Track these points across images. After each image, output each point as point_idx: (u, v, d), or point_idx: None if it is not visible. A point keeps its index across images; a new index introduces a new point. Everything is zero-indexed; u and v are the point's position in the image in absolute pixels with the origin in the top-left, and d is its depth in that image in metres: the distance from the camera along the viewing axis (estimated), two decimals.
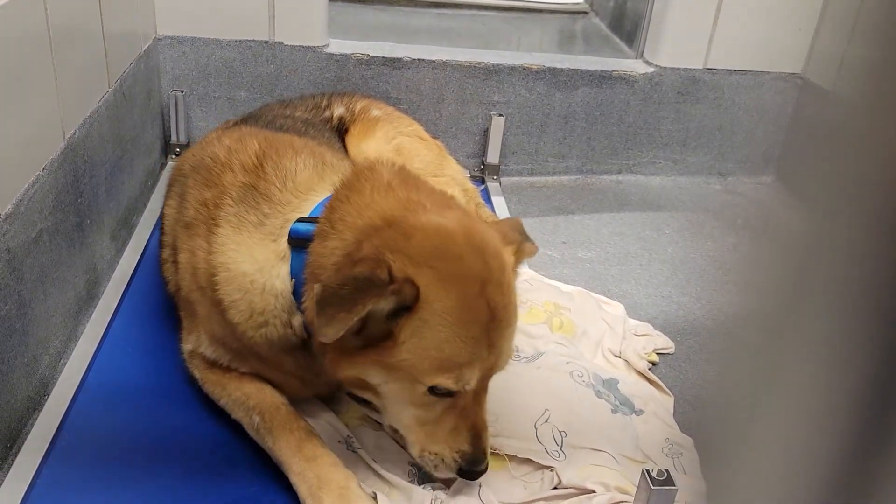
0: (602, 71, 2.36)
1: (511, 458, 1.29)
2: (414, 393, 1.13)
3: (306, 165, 1.30)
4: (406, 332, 1.07)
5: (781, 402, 0.38)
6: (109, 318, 1.60)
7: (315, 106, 1.86)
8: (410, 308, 1.06)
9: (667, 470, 1.12)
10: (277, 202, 1.25)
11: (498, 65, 2.31)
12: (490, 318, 1.09)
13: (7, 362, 1.24)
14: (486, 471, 1.19)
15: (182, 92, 2.23)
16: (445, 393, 1.12)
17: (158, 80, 2.23)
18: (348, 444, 1.30)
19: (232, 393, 1.33)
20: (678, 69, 2.38)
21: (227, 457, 1.30)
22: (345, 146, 1.78)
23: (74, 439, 1.30)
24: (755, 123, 2.47)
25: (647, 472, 1.12)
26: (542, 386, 1.42)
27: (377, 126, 1.83)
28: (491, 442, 1.30)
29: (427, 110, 2.32)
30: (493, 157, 2.36)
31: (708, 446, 1.19)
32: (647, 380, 1.54)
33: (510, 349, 1.17)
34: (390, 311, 1.06)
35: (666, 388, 1.51)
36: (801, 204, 0.36)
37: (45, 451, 1.26)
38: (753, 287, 0.39)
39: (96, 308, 1.62)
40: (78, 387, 1.41)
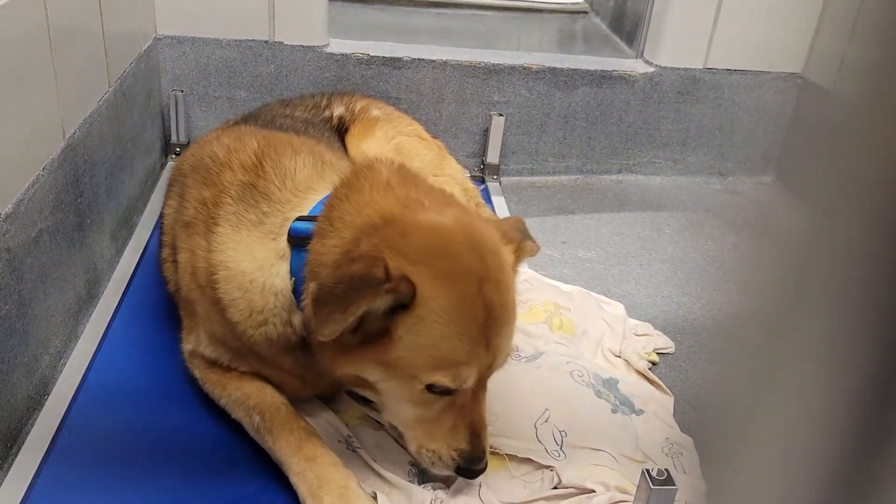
0: (602, 71, 2.36)
1: (511, 457, 1.29)
2: (411, 391, 1.13)
3: (305, 164, 1.30)
4: (402, 330, 1.07)
5: (781, 402, 0.38)
6: (109, 318, 1.60)
7: (315, 105, 1.86)
8: (407, 306, 1.06)
9: (667, 470, 1.12)
10: (277, 201, 1.25)
11: (498, 64, 2.31)
12: (487, 316, 1.09)
13: (7, 362, 1.24)
14: (484, 469, 1.19)
15: (182, 92, 2.23)
16: (443, 391, 1.12)
17: (158, 80, 2.23)
18: (348, 444, 1.30)
19: (232, 393, 1.33)
20: (678, 69, 2.38)
21: (227, 457, 1.30)
22: (344, 146, 1.78)
23: (74, 439, 1.30)
24: (755, 123, 2.47)
25: (647, 471, 1.12)
26: (542, 386, 1.42)
27: (377, 126, 1.83)
28: (491, 441, 1.30)
29: (427, 110, 2.32)
30: (493, 156, 2.36)
31: (708, 446, 1.19)
32: (647, 379, 1.54)
33: (508, 348, 1.17)
34: (387, 309, 1.06)
35: (666, 388, 1.51)
36: (801, 204, 0.36)
37: (45, 450, 1.26)
38: (753, 287, 0.39)
39: (96, 308, 1.62)
40: (78, 386, 1.41)
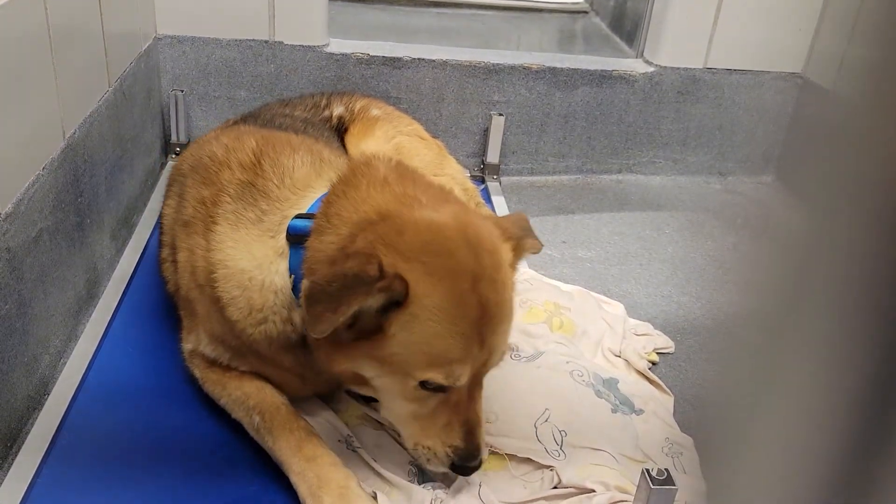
0: (602, 70, 2.36)
1: (511, 457, 1.29)
2: (405, 387, 1.13)
3: (304, 162, 1.30)
4: (396, 327, 1.08)
5: (781, 401, 0.38)
6: (109, 318, 1.60)
7: (314, 105, 1.86)
8: (401, 303, 1.06)
9: (667, 469, 1.12)
10: (275, 199, 1.25)
11: (498, 64, 2.31)
12: (482, 314, 1.09)
13: (7, 362, 1.24)
14: (479, 466, 1.19)
15: (182, 91, 2.23)
16: (437, 388, 1.12)
17: (158, 80, 2.23)
18: (348, 444, 1.30)
19: (232, 392, 1.33)
20: (678, 69, 2.38)
21: (227, 457, 1.30)
22: (344, 146, 1.78)
23: (74, 439, 1.30)
24: (755, 123, 2.47)
25: (647, 471, 1.12)
26: (542, 385, 1.42)
27: (376, 125, 1.83)
28: (491, 441, 1.30)
29: (427, 110, 2.32)
30: (493, 156, 2.36)
31: (708, 446, 1.19)
32: (647, 379, 1.54)
33: (504, 346, 1.16)
34: (380, 306, 1.06)
35: (666, 388, 1.51)
36: (801, 204, 0.36)
37: (45, 450, 1.26)
38: (753, 287, 0.39)
39: (96, 307, 1.62)
40: (78, 386, 1.41)
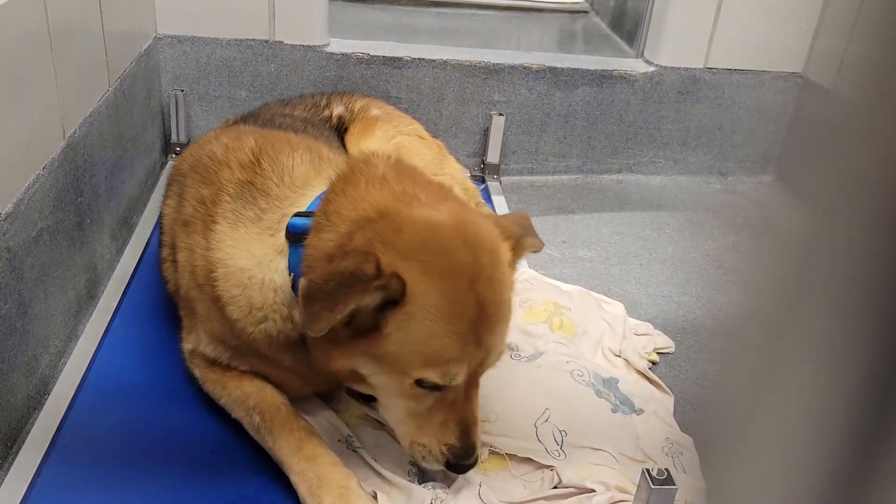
0: (602, 70, 2.36)
1: (511, 457, 1.29)
2: (402, 385, 1.13)
3: (303, 161, 1.30)
4: (393, 326, 1.08)
5: (781, 401, 0.38)
6: (109, 318, 1.60)
7: (314, 105, 1.86)
8: (398, 302, 1.06)
9: (667, 469, 1.12)
10: (275, 197, 1.25)
11: (498, 64, 2.31)
12: (479, 314, 1.09)
13: (7, 361, 1.24)
14: (475, 465, 1.19)
15: (182, 91, 2.23)
16: (433, 386, 1.12)
17: (159, 80, 2.23)
18: (348, 443, 1.30)
19: (232, 392, 1.33)
20: (678, 68, 2.38)
21: (227, 456, 1.30)
22: (344, 146, 1.78)
23: (74, 439, 1.30)
24: (755, 123, 2.47)
25: (647, 471, 1.12)
26: (542, 385, 1.42)
27: (376, 125, 1.83)
28: (491, 441, 1.30)
29: (427, 109, 2.32)
30: (493, 156, 2.36)
31: (708, 446, 1.19)
32: (648, 379, 1.54)
33: (501, 346, 1.16)
34: (377, 305, 1.07)
35: (666, 388, 1.51)
36: (801, 203, 0.36)
37: (45, 450, 1.26)
38: (753, 286, 0.39)
39: (96, 307, 1.62)
40: (78, 386, 1.41)
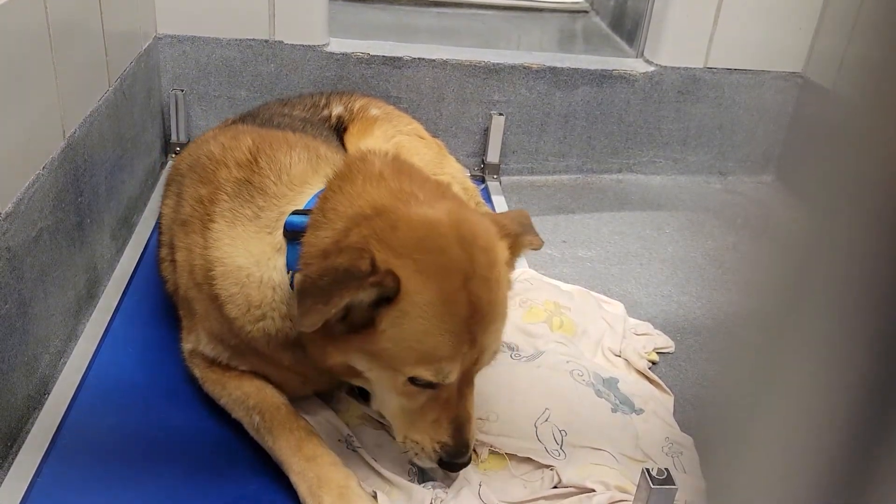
0: (602, 70, 2.36)
1: (511, 456, 1.29)
2: (395, 382, 1.13)
3: (301, 159, 1.30)
4: (387, 323, 1.08)
5: (781, 401, 0.38)
6: (109, 318, 1.60)
7: (314, 105, 1.86)
8: (392, 299, 1.07)
9: (667, 469, 1.12)
10: (272, 195, 1.25)
11: (498, 64, 2.31)
12: (472, 312, 1.09)
13: (7, 361, 1.24)
14: (468, 463, 1.19)
15: (182, 91, 2.23)
16: (426, 384, 1.12)
17: (158, 79, 2.23)
18: (348, 443, 1.30)
19: (232, 392, 1.33)
20: (678, 68, 2.38)
21: (227, 456, 1.30)
22: (344, 145, 1.78)
23: (74, 438, 1.30)
24: (755, 122, 2.47)
25: (647, 471, 1.12)
26: (542, 385, 1.42)
27: (376, 125, 1.82)
28: (491, 441, 1.30)
29: (427, 109, 2.32)
30: (493, 156, 2.36)
31: (708, 445, 1.19)
32: (648, 379, 1.54)
33: (495, 345, 1.16)
34: (371, 301, 1.07)
35: (666, 388, 1.51)
36: (801, 203, 0.36)
37: (45, 450, 1.26)
38: (753, 286, 0.39)
39: (96, 307, 1.62)
40: (78, 386, 1.41)
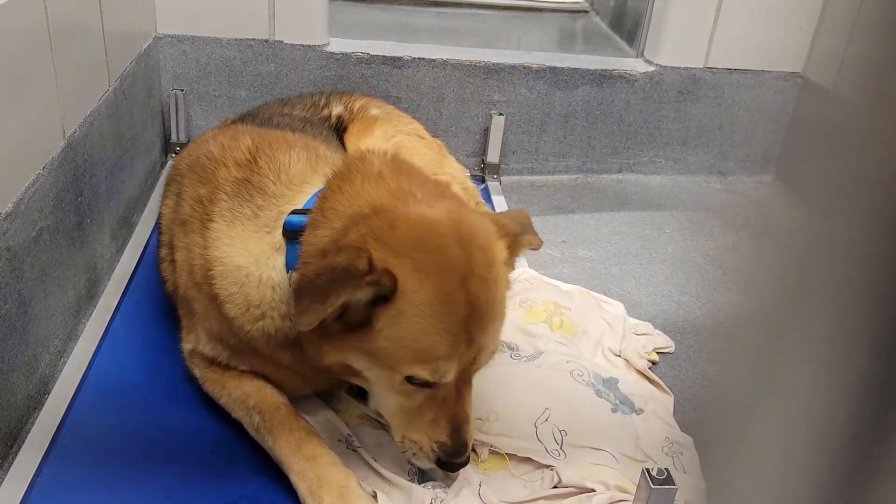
0: (602, 70, 2.36)
1: (511, 456, 1.29)
2: (392, 381, 1.13)
3: (300, 158, 1.31)
4: (384, 322, 1.08)
5: (781, 401, 0.38)
6: (109, 317, 1.60)
7: (313, 104, 1.86)
8: (389, 298, 1.07)
9: (667, 469, 1.12)
10: (272, 195, 1.25)
11: (498, 64, 2.31)
12: (470, 312, 1.09)
13: (7, 361, 1.24)
14: (466, 463, 1.19)
15: (182, 91, 2.23)
16: (423, 383, 1.12)
17: (159, 79, 2.23)
18: (348, 443, 1.30)
19: (232, 392, 1.33)
20: (678, 68, 2.38)
21: (227, 456, 1.30)
22: (344, 145, 1.78)
23: (74, 438, 1.30)
24: (755, 122, 2.47)
25: (647, 471, 1.12)
26: (542, 385, 1.42)
27: (376, 125, 1.82)
28: (491, 441, 1.30)
29: (427, 109, 2.32)
30: (493, 156, 2.36)
31: (708, 445, 1.19)
32: (648, 379, 1.54)
33: (493, 345, 1.16)
34: (368, 300, 1.07)
35: (666, 388, 1.51)
36: (801, 203, 0.36)
37: (45, 449, 1.26)
38: (753, 286, 0.39)
39: (96, 307, 1.62)
40: (78, 386, 1.41)
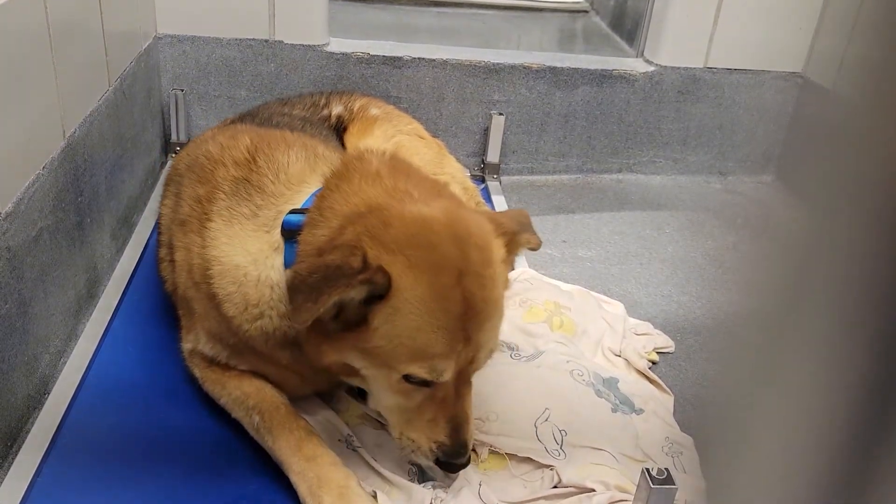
0: (602, 70, 2.36)
1: (511, 456, 1.29)
2: (390, 380, 1.13)
3: (298, 158, 1.31)
4: (379, 320, 1.08)
5: (781, 401, 0.38)
6: (110, 317, 1.60)
7: (313, 104, 1.86)
8: (383, 296, 1.07)
9: (667, 469, 1.12)
10: (270, 194, 1.26)
11: (498, 64, 2.31)
12: (466, 310, 1.08)
13: (7, 361, 1.24)
14: (467, 464, 1.19)
15: (182, 91, 2.23)
16: (421, 382, 1.12)
17: (159, 79, 2.23)
18: (348, 443, 1.30)
19: (232, 392, 1.33)
20: (679, 68, 2.38)
21: (227, 456, 1.30)
22: (343, 145, 1.77)
23: (74, 438, 1.30)
24: (755, 122, 2.47)
25: (647, 470, 1.12)
26: (542, 385, 1.42)
27: (375, 124, 1.82)
28: (491, 440, 1.30)
29: (427, 109, 2.32)
30: (493, 155, 2.36)
31: (708, 445, 1.19)
32: (648, 379, 1.54)
33: (491, 343, 1.16)
34: (363, 298, 1.07)
35: (666, 387, 1.51)
36: (801, 203, 0.36)
37: (45, 449, 1.26)
38: (753, 286, 0.39)
39: (96, 307, 1.62)
40: (78, 385, 1.41)
